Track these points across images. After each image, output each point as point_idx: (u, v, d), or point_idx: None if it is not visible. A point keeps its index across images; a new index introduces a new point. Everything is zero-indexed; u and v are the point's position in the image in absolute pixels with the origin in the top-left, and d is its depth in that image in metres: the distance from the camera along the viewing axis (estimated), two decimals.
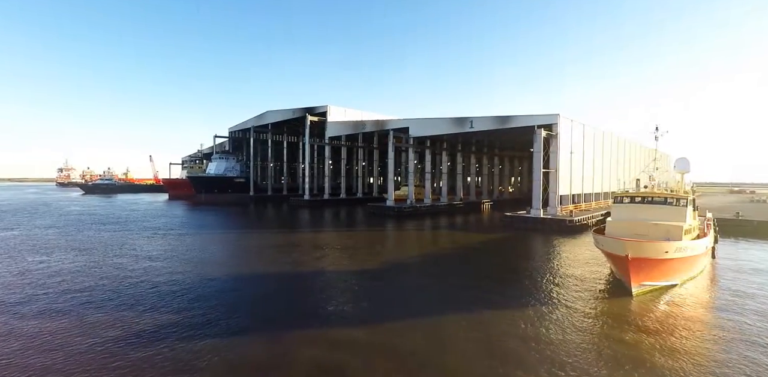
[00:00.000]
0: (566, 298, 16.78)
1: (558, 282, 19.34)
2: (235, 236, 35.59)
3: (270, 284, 19.21)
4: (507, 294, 17.31)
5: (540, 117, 45.68)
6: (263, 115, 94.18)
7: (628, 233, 19.40)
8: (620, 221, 20.88)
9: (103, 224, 41.59)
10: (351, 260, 24.91)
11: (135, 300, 15.88)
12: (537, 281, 19.45)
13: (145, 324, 13.41)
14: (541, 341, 12.36)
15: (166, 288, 17.79)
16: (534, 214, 42.61)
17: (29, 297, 16.24)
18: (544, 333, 12.95)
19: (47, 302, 15.58)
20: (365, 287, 18.56)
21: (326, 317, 14.50)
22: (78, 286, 17.84)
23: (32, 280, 18.72)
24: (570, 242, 32.26)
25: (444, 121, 55.98)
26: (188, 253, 26.35)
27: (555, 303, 16.14)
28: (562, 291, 17.90)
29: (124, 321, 13.71)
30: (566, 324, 13.82)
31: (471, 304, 15.85)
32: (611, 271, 21.32)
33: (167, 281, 18.84)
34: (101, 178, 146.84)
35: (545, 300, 16.56)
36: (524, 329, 13.36)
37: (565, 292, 17.67)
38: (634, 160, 75.66)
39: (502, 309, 15.38)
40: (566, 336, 12.74)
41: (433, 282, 19.38)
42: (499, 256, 26.97)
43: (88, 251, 26.25)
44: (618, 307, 15.87)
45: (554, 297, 16.86)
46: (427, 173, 63.69)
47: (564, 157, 46.01)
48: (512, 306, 15.77)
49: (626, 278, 17.32)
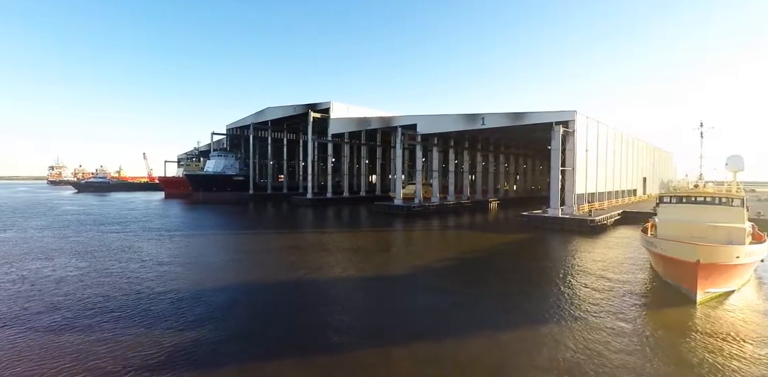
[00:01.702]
0: (623, 309, 15.34)
1: (603, 289, 17.90)
2: (244, 238, 33.83)
3: (295, 294, 17.55)
4: (556, 307, 15.75)
5: (556, 113, 44.30)
6: (263, 112, 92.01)
7: (683, 235, 18.02)
8: (673, 222, 19.48)
9: (102, 224, 39.52)
10: (371, 264, 23.33)
11: (152, 314, 14.12)
12: (582, 290, 17.97)
13: (174, 344, 11.68)
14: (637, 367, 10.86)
15: (185, 298, 16.02)
16: (552, 213, 41.30)
17: (34, 311, 14.41)
18: (632, 349, 11.46)
19: (55, 317, 13.78)
20: (390, 299, 16.98)
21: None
22: (87, 297, 16.03)
23: (35, 290, 16.85)
24: (596, 243, 30.96)
25: (454, 117, 54.45)
26: (199, 257, 24.61)
27: (613, 314, 14.68)
28: (615, 299, 16.46)
29: (148, 340, 11.97)
30: (642, 339, 12.35)
31: (513, 319, 14.29)
32: (654, 274, 20.09)
33: (184, 291, 17.10)
34: (94, 176, 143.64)
35: (603, 312, 15.07)
36: (603, 348, 11.85)
37: (618, 301, 16.24)
38: (642, 159, 74.81)
39: (557, 326, 13.80)
40: (653, 358, 11.26)
41: (464, 292, 17.79)
42: (527, 260, 25.49)
43: (90, 255, 24.34)
44: (687, 316, 14.46)
45: (610, 308, 15.41)
46: (435, 172, 62.24)
47: (580, 155, 44.73)
48: (568, 321, 14.23)
49: (690, 284, 15.93)
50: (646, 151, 78.62)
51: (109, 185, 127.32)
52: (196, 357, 10.88)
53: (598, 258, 24.89)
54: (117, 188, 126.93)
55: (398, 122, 61.54)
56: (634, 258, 25.07)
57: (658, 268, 19.88)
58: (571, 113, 43.53)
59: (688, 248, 15.43)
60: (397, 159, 58.24)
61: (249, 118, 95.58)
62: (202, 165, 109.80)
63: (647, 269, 21.81)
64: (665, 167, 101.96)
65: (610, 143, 55.53)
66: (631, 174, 66.97)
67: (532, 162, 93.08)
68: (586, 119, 46.40)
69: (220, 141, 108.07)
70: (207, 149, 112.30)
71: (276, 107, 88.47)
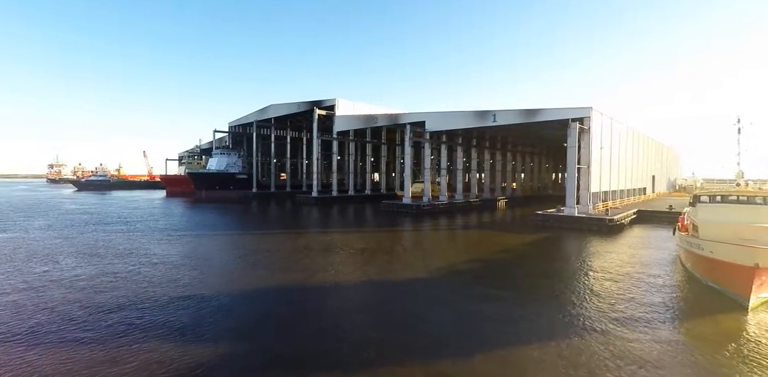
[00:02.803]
0: (678, 317, 14.37)
1: (645, 295, 16.90)
2: (255, 239, 32.75)
3: (321, 302, 16.55)
4: (604, 318, 14.73)
5: (571, 110, 43.20)
6: (266, 109, 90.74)
7: (731, 237, 16.96)
8: (719, 223, 18.41)
9: (106, 224, 38.42)
10: (396, 268, 22.31)
11: (175, 326, 13.06)
12: (625, 296, 16.94)
13: (204, 360, 10.65)
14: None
15: (208, 307, 14.97)
16: (568, 212, 40.27)
17: (43, 322, 13.36)
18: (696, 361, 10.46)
19: (68, 330, 12.72)
20: (425, 307, 15.96)
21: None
22: (100, 306, 14.99)
23: (42, 299, 15.79)
24: (619, 244, 29.97)
25: (464, 114, 53.32)
26: (212, 260, 23.57)
27: (669, 322, 13.70)
28: (664, 307, 15.47)
29: (173, 355, 10.92)
30: (705, 348, 11.35)
31: (562, 331, 13.27)
32: (687, 276, 19.21)
33: (203, 298, 16.05)
34: (94, 174, 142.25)
35: (655, 321, 14.07)
36: (669, 359, 10.84)
37: (668, 309, 15.26)
38: (651, 156, 73.86)
39: (614, 338, 12.80)
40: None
41: (492, 299, 16.76)
42: (554, 262, 24.47)
43: (98, 257, 23.27)
44: (741, 322, 13.46)
45: (661, 317, 14.41)
46: (443, 170, 61.23)
47: (595, 152, 43.71)
48: (614, 332, 13.22)
49: (742, 289, 14.95)
50: (654, 149, 77.67)
51: (110, 183, 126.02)
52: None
53: (627, 260, 23.89)
54: (118, 186, 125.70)
55: (406, 119, 60.39)
56: (663, 260, 24.18)
57: (697, 270, 18.90)
58: (587, 109, 42.47)
59: (745, 251, 14.41)
60: (406, 157, 57.14)
61: (252, 115, 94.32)
62: (204, 163, 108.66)
63: (680, 271, 20.90)
64: (672, 165, 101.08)
65: (623, 141, 54.57)
66: (641, 172, 66.08)
67: (539, 160, 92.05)
68: (600, 116, 45.37)
69: (222, 139, 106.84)
70: (209, 147, 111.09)
71: (279, 104, 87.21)
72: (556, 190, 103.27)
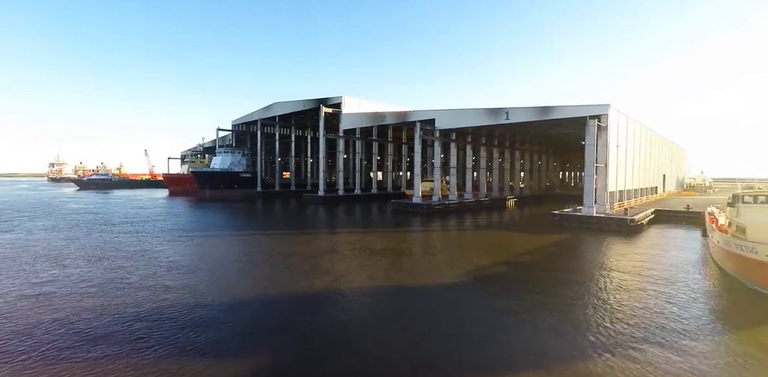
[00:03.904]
0: (735, 324, 13.33)
1: (693, 301, 15.87)
2: (268, 240, 31.69)
3: (346, 311, 15.55)
4: (659, 328, 13.68)
5: (588, 107, 42.00)
6: (270, 107, 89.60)
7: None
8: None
9: (112, 224, 37.37)
10: (420, 271, 21.28)
11: (199, 342, 12.02)
12: (673, 303, 15.89)
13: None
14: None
15: (230, 321, 13.92)
16: (586, 212, 39.19)
17: (54, 335, 12.32)
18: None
19: (83, 346, 11.69)
20: (459, 317, 14.94)
21: None
22: (115, 315, 13.98)
23: (53, 306, 14.78)
24: (645, 245, 28.91)
25: (476, 112, 52.17)
26: (227, 264, 22.57)
27: (727, 332, 12.67)
28: (716, 314, 14.45)
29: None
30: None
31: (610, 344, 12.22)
32: (725, 278, 18.21)
33: (224, 308, 15.04)
34: (95, 173, 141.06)
35: (711, 331, 13.04)
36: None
37: (721, 316, 14.24)
38: (662, 155, 72.71)
39: (672, 352, 11.75)
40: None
41: (533, 311, 15.73)
42: (582, 266, 23.40)
43: (107, 260, 22.23)
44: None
45: (715, 325, 13.38)
46: (452, 168, 60.11)
47: (612, 151, 42.59)
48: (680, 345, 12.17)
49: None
50: (665, 147, 76.54)
51: (112, 182, 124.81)
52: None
53: (660, 262, 22.80)
54: (120, 185, 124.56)
55: (415, 117, 59.24)
56: (694, 261, 23.25)
57: (743, 273, 17.84)
58: (605, 106, 41.30)
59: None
60: (416, 155, 55.99)
61: (256, 113, 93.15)
62: (207, 162, 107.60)
63: (717, 274, 19.94)
64: (680, 164, 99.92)
65: (636, 139, 53.44)
66: (653, 171, 64.97)
67: (546, 159, 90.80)
68: (617, 113, 44.25)
69: (225, 137, 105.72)
70: (212, 146, 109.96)
71: (284, 102, 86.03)
72: (564, 189, 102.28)
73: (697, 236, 33.44)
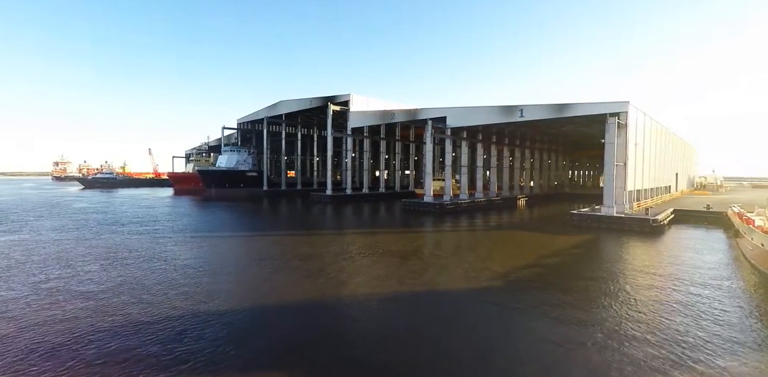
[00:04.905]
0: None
1: (748, 307, 14.92)
2: (283, 241, 30.84)
3: (379, 321, 14.70)
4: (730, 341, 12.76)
5: (607, 105, 40.93)
6: (276, 105, 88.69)
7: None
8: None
9: (121, 224, 36.62)
10: (447, 274, 20.38)
11: (224, 362, 11.17)
12: (726, 311, 14.94)
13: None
14: None
15: (257, 336, 13.09)
16: (606, 212, 38.18)
17: (70, 348, 11.51)
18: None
19: (101, 358, 10.87)
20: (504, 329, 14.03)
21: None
22: (134, 325, 13.18)
23: (65, 316, 13.98)
24: (672, 246, 27.97)
25: (489, 109, 51.18)
26: (245, 267, 21.80)
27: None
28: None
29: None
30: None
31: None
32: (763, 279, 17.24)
33: (249, 317, 14.23)
34: (100, 172, 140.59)
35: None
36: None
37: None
38: (675, 153, 71.55)
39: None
40: None
41: (574, 321, 14.78)
42: (614, 269, 22.37)
43: (120, 263, 21.44)
44: None
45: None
46: (464, 167, 59.12)
47: (631, 149, 41.53)
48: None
49: None
50: (678, 145, 75.35)
51: (116, 181, 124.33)
52: None
53: (695, 265, 21.84)
54: (124, 184, 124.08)
55: (426, 115, 58.29)
56: (732, 264, 22.30)
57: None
58: (624, 104, 40.24)
59: None
60: (427, 154, 55.09)
61: (262, 112, 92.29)
62: (212, 160, 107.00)
63: (757, 274, 19.05)
64: (691, 162, 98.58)
65: (652, 137, 52.33)
66: (667, 170, 63.83)
67: (555, 157, 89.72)
68: (636, 111, 43.17)
69: (230, 136, 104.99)
70: (217, 144, 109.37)
71: (290, 100, 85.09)
72: (573, 188, 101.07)
73: (721, 236, 32.52)
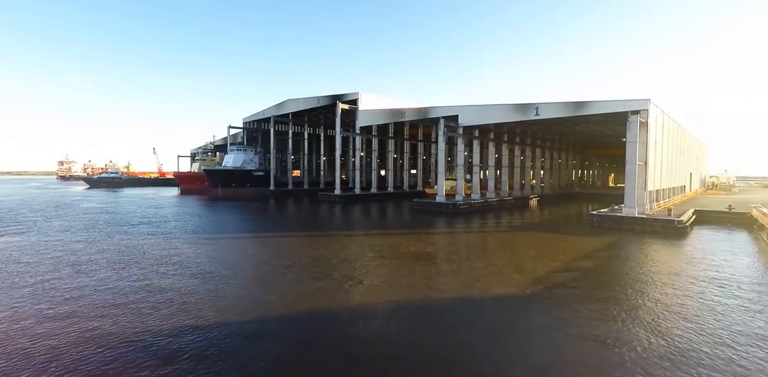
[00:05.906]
0: None
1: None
2: (298, 243, 29.96)
3: (411, 331, 13.77)
4: None
5: (626, 102, 39.74)
6: (283, 104, 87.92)
7: None
8: None
9: (130, 225, 35.86)
10: (473, 281, 19.39)
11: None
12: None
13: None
14: None
15: (285, 353, 12.18)
16: (627, 213, 37.07)
17: (90, 356, 10.63)
18: None
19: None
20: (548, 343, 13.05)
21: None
22: (158, 333, 12.28)
23: (80, 329, 13.11)
24: (700, 249, 26.84)
25: (503, 108, 50.10)
26: (263, 271, 20.90)
27: None
28: None
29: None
30: None
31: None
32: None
33: (275, 328, 13.32)
34: (104, 171, 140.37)
35: None
36: None
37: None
38: (690, 151, 70.22)
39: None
40: None
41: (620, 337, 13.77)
42: (650, 274, 21.22)
43: (135, 266, 20.60)
44: None
45: None
46: (476, 166, 58.11)
47: (651, 148, 40.39)
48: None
49: None
50: (693, 144, 74.00)
51: (122, 180, 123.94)
52: None
53: (736, 268, 20.79)
54: (129, 183, 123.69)
55: (437, 113, 57.29)
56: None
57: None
58: (645, 101, 39.08)
59: None
60: (440, 153, 54.09)
61: (268, 110, 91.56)
62: (218, 160, 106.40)
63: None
64: (703, 161, 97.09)
65: (670, 135, 51.12)
66: (682, 169, 62.57)
67: (566, 156, 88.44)
68: (656, 109, 42.00)
69: (235, 135, 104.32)
70: (223, 144, 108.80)
71: (297, 98, 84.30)
72: (583, 188, 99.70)
73: (749, 237, 31.51)
